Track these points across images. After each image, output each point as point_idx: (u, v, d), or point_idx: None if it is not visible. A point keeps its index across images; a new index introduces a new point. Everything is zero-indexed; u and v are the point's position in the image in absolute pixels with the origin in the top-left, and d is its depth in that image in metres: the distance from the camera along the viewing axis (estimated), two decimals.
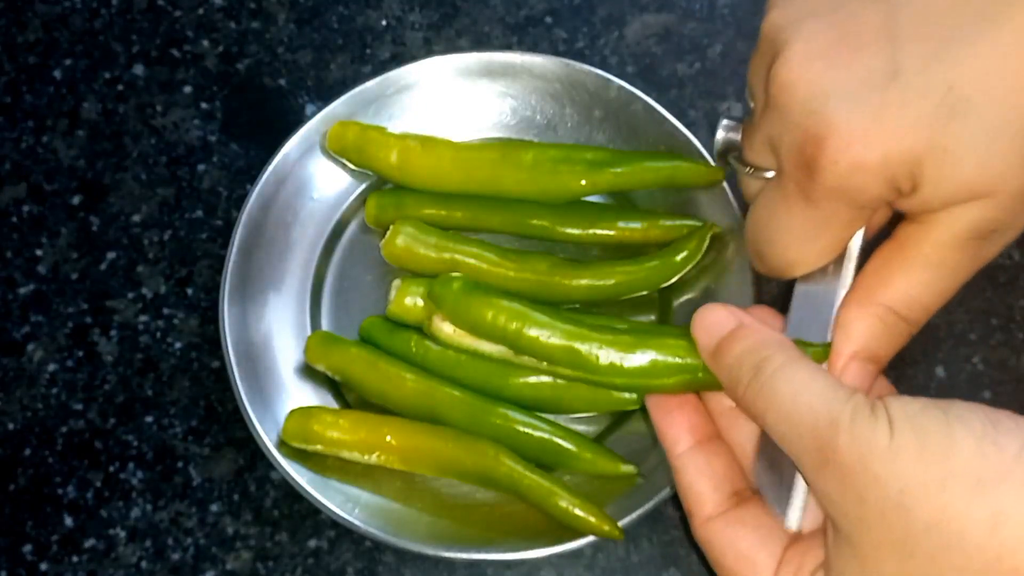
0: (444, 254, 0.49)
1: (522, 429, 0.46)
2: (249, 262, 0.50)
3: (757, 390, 0.33)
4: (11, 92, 0.57)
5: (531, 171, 0.49)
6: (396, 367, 0.48)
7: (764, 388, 0.33)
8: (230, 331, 0.48)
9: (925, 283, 0.35)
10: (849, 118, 0.33)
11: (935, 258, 0.35)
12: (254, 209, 0.50)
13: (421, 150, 0.50)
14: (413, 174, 0.51)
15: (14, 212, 0.54)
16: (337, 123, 0.51)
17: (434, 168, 0.50)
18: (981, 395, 0.50)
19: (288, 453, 0.46)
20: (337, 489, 0.46)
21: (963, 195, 0.33)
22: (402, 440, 0.46)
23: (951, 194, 0.33)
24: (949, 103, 0.32)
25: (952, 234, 0.34)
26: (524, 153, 0.49)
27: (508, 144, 0.51)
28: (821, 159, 0.33)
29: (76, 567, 0.48)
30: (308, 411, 0.47)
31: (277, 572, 0.48)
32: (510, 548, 0.45)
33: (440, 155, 0.50)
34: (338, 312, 0.51)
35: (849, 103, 0.33)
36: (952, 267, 0.35)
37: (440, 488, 0.47)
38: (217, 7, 0.58)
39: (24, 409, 0.51)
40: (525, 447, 0.46)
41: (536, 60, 0.52)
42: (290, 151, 0.51)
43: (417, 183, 0.51)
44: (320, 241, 0.52)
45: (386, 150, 0.50)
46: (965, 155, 0.32)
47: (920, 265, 0.35)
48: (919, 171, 0.33)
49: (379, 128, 0.51)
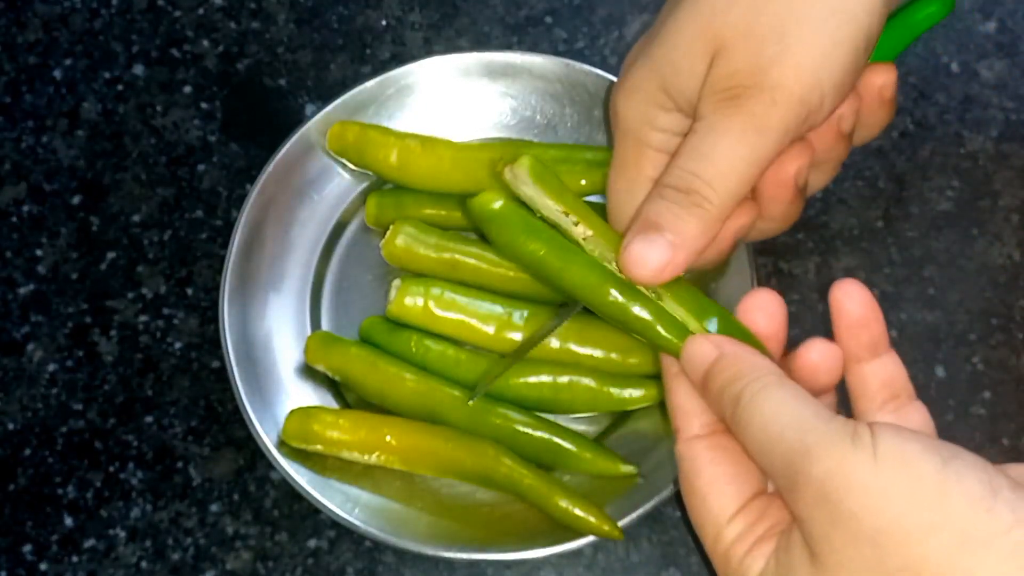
0: (444, 254, 0.49)
1: (522, 429, 0.46)
2: (249, 262, 0.50)
3: (737, 419, 0.33)
4: (11, 92, 0.57)
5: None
6: (396, 367, 0.48)
7: (742, 416, 0.33)
8: (230, 331, 0.48)
9: (691, 152, 0.38)
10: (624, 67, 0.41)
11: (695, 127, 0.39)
12: (254, 209, 0.50)
13: (421, 150, 0.50)
14: (413, 174, 0.51)
15: (14, 212, 0.54)
16: (337, 123, 0.51)
17: (434, 168, 0.50)
18: (981, 395, 0.50)
19: (288, 453, 0.46)
20: (337, 489, 0.46)
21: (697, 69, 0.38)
22: (402, 440, 0.46)
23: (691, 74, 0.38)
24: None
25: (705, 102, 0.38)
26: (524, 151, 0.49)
27: (508, 144, 0.51)
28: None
29: (76, 567, 0.48)
30: (308, 411, 0.47)
31: (277, 572, 0.48)
32: (510, 548, 0.45)
33: (440, 155, 0.50)
34: (338, 312, 0.51)
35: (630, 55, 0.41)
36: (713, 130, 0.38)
37: (440, 488, 0.47)
38: (217, 7, 0.58)
39: (24, 409, 0.51)
40: (525, 447, 0.46)
41: (536, 60, 0.52)
42: (290, 151, 0.51)
43: (417, 183, 0.51)
44: (320, 241, 0.52)
45: (386, 150, 0.50)
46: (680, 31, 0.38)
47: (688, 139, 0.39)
48: (660, 75, 0.39)
49: (379, 128, 0.51)
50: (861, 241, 0.53)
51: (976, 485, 0.29)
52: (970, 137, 0.55)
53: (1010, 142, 0.54)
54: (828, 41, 0.36)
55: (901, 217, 0.53)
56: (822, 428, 0.31)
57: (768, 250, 0.52)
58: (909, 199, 0.54)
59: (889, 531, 0.29)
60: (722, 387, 0.34)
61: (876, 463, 0.29)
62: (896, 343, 0.51)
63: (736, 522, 0.34)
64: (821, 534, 0.30)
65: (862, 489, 0.29)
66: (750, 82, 0.37)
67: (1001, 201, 0.53)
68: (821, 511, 0.30)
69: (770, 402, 0.32)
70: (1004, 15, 0.57)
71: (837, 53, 0.36)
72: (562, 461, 0.46)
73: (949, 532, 0.28)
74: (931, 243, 0.53)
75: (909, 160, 0.54)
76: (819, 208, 0.53)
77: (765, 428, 0.32)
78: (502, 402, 0.47)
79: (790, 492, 0.31)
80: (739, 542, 0.33)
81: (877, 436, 0.30)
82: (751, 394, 0.33)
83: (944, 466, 0.29)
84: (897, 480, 0.29)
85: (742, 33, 0.37)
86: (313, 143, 0.52)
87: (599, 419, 0.49)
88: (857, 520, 0.29)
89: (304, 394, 0.49)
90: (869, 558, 0.29)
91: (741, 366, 0.34)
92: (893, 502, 0.29)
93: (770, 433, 0.32)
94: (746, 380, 0.33)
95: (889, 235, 0.53)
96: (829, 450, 0.30)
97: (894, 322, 0.51)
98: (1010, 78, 0.56)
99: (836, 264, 0.52)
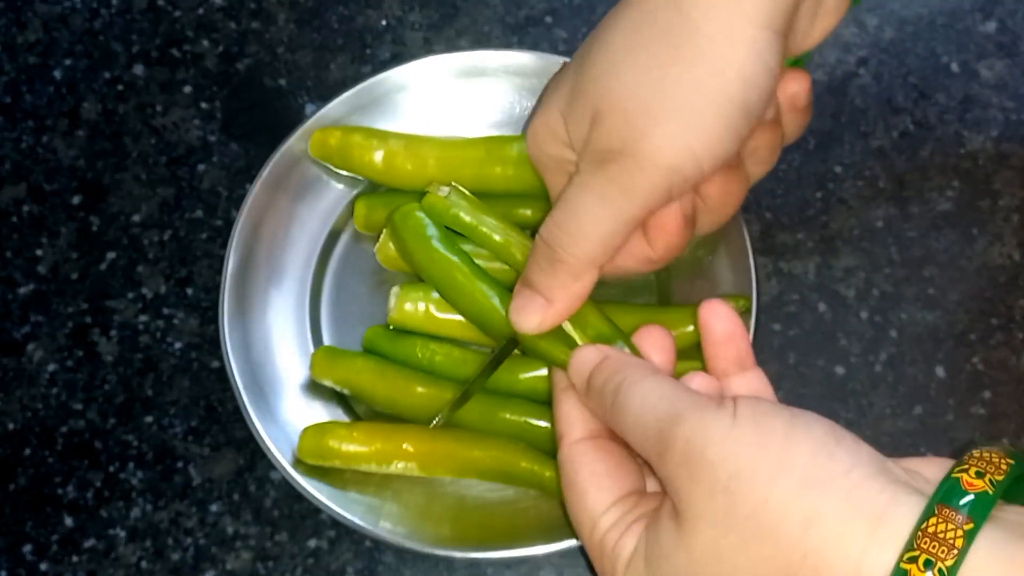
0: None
1: (534, 422, 0.46)
2: (249, 262, 0.50)
3: (618, 405, 0.36)
4: (11, 92, 0.57)
5: (517, 166, 0.49)
6: (404, 375, 0.48)
7: (621, 400, 0.36)
8: (230, 331, 0.48)
9: (559, 203, 0.41)
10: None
11: (570, 181, 0.41)
12: (254, 209, 0.50)
13: (404, 152, 0.50)
14: (399, 176, 0.50)
15: (14, 212, 0.54)
16: (318, 130, 0.51)
17: (419, 169, 0.50)
18: (981, 395, 0.50)
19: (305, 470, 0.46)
20: (336, 489, 0.46)
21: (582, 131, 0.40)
22: (419, 446, 0.46)
23: (577, 132, 0.40)
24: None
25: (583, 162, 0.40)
26: (508, 148, 0.49)
27: (492, 140, 0.51)
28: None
29: (76, 567, 0.48)
30: (322, 427, 0.46)
31: (277, 572, 0.48)
32: (510, 548, 0.45)
33: (424, 155, 0.50)
34: (338, 323, 0.51)
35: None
36: (579, 187, 0.40)
37: (439, 487, 0.47)
38: (217, 7, 0.58)
39: (24, 409, 0.51)
40: (540, 440, 0.46)
41: (536, 59, 0.52)
42: (289, 150, 0.51)
43: (404, 184, 0.50)
44: (320, 241, 0.52)
45: (369, 153, 0.50)
46: (581, 91, 0.40)
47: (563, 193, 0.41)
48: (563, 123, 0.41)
49: (362, 130, 0.51)
50: (861, 241, 0.53)
51: (820, 435, 0.32)
52: (970, 137, 0.55)
53: (1010, 142, 0.54)
54: (696, 117, 0.38)
55: (901, 217, 0.53)
56: (691, 399, 0.34)
57: (768, 250, 0.52)
58: (909, 199, 0.54)
59: (740, 475, 0.31)
60: (604, 381, 0.37)
61: (734, 420, 0.33)
62: (896, 343, 0.51)
63: (610, 513, 0.36)
64: (684, 491, 0.33)
65: (720, 441, 0.32)
66: (619, 148, 0.39)
67: (1001, 201, 0.53)
68: (684, 468, 0.33)
69: (647, 383, 0.36)
70: (1004, 15, 0.57)
71: (708, 125, 0.38)
72: None
73: (793, 475, 0.31)
74: (931, 243, 0.53)
75: (909, 160, 0.54)
76: (819, 208, 0.53)
77: (642, 402, 0.35)
78: (513, 397, 0.47)
79: (660, 457, 0.34)
80: (612, 529, 0.36)
81: (738, 402, 0.33)
82: (630, 382, 0.36)
83: (792, 419, 0.33)
84: (749, 431, 0.32)
85: (616, 106, 0.39)
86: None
87: None
88: (713, 468, 0.32)
89: (304, 393, 0.49)
90: (722, 507, 0.32)
91: (621, 363, 0.38)
92: (745, 449, 0.32)
93: (645, 406, 0.35)
94: (625, 372, 0.37)
95: (889, 235, 0.53)
96: (696, 412, 0.33)
97: (894, 322, 0.51)
98: (1010, 78, 0.56)
99: (836, 264, 0.52)
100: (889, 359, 0.51)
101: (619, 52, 0.39)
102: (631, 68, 0.38)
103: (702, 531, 0.32)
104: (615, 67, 0.39)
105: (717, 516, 0.32)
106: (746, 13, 0.37)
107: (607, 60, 0.39)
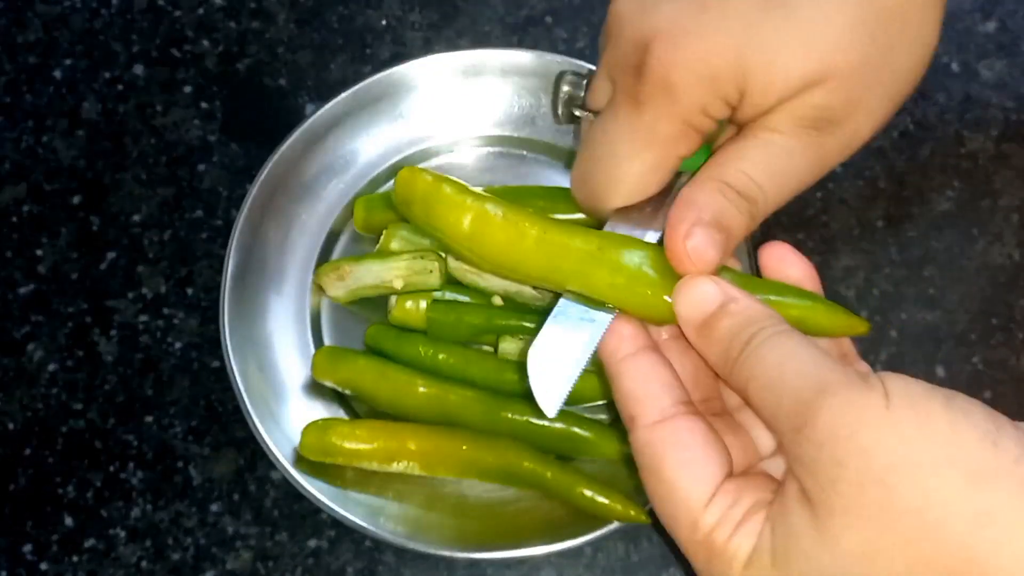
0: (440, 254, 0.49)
1: (537, 422, 0.46)
2: (249, 262, 0.50)
3: (744, 361, 0.32)
4: (11, 92, 0.57)
5: (630, 278, 0.37)
6: (406, 375, 0.47)
7: (751, 358, 0.32)
8: (230, 331, 0.48)
9: (757, 162, 0.37)
10: (672, 21, 0.36)
11: (767, 138, 0.37)
12: (254, 209, 0.50)
13: (502, 221, 0.40)
14: (487, 249, 0.40)
15: (14, 212, 0.54)
16: (405, 168, 0.43)
17: (513, 246, 0.40)
18: (981, 395, 0.50)
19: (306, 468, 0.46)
20: (336, 489, 0.46)
21: (791, 89, 0.36)
22: (422, 445, 0.46)
23: (780, 92, 0.36)
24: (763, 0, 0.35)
25: (784, 119, 0.37)
26: (626, 252, 0.38)
27: (608, 237, 0.39)
28: (647, 59, 0.36)
29: (76, 567, 0.48)
30: (325, 424, 0.46)
31: (277, 572, 0.48)
32: (510, 548, 0.45)
33: (523, 232, 0.39)
34: (338, 324, 0.51)
35: (673, 10, 0.36)
36: (786, 150, 0.37)
37: (439, 488, 0.47)
38: (217, 7, 0.58)
39: (24, 409, 0.51)
40: (542, 439, 0.46)
41: (536, 59, 0.52)
42: (289, 150, 0.51)
43: (489, 260, 0.41)
44: (319, 241, 0.52)
45: (458, 212, 0.40)
46: (785, 46, 0.35)
47: (754, 146, 0.37)
48: (743, 75, 0.36)
49: (455, 183, 0.42)
50: (861, 241, 0.53)
51: (980, 420, 0.29)
52: (970, 137, 0.55)
53: (1010, 142, 0.55)
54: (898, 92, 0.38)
55: (901, 217, 0.53)
56: (838, 370, 0.30)
57: None
58: (909, 199, 0.54)
59: (900, 467, 0.28)
60: (731, 329, 0.33)
61: (888, 402, 0.29)
62: (896, 343, 0.51)
63: (713, 507, 0.32)
64: (825, 477, 0.29)
65: (875, 424, 0.29)
66: (838, 117, 0.37)
67: (1001, 201, 0.53)
68: (827, 451, 0.29)
69: (790, 344, 0.32)
70: (1004, 15, 0.57)
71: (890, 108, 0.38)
72: (579, 449, 0.46)
73: (959, 467, 0.28)
74: (931, 243, 0.53)
75: (909, 160, 0.54)
76: (819, 208, 0.53)
77: (780, 366, 0.31)
78: (516, 397, 0.47)
79: (796, 432, 0.30)
80: (720, 527, 0.32)
81: (886, 380, 0.30)
82: (765, 336, 0.32)
83: (948, 402, 0.29)
84: (909, 417, 0.29)
85: (848, 71, 0.36)
86: (312, 142, 0.52)
87: (612, 406, 0.48)
88: (867, 456, 0.28)
89: (305, 393, 0.49)
90: (875, 500, 0.28)
91: (753, 312, 0.34)
92: (906, 437, 0.28)
93: (785, 370, 0.31)
94: (760, 324, 0.33)
95: (889, 235, 0.53)
96: (843, 388, 0.30)
97: (894, 322, 0.51)
98: (1010, 78, 0.56)
99: (836, 264, 0.52)
100: (889, 359, 0.51)
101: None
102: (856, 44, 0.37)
103: (852, 527, 0.29)
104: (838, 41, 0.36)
105: (871, 511, 0.28)
106: None
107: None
